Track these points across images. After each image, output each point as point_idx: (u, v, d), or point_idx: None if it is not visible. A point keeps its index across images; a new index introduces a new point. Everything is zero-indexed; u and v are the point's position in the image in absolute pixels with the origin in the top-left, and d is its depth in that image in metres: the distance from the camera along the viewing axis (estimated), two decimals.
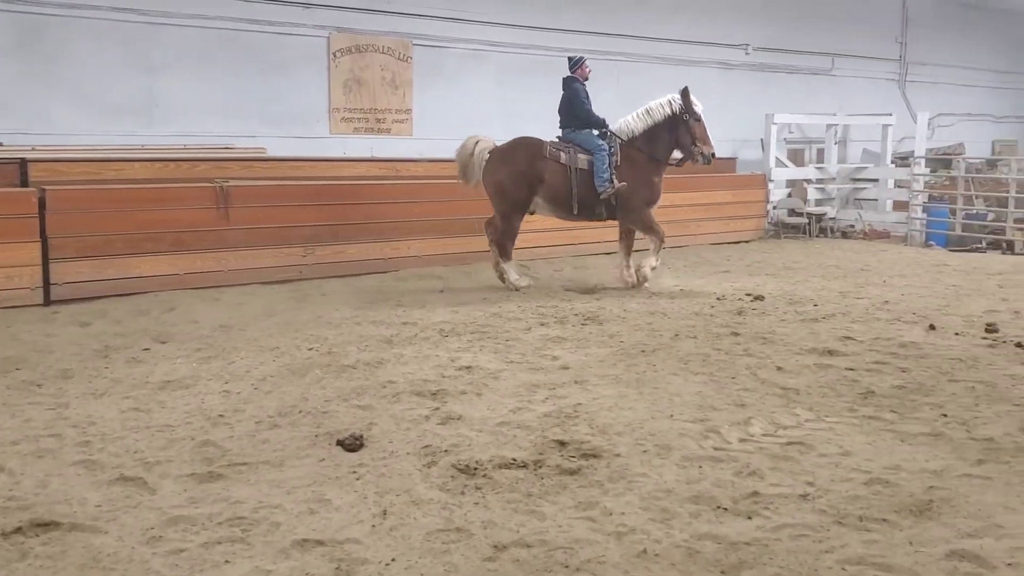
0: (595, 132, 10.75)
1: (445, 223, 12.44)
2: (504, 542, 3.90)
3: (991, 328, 8.20)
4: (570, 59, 11.10)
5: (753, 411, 5.76)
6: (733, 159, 17.81)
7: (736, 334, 8.04)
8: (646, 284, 10.60)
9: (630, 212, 10.65)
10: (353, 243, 11.65)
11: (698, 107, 10.55)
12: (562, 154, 10.58)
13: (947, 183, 17.53)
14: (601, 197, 10.44)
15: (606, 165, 10.44)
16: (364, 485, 4.56)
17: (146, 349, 7.48)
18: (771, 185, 16.97)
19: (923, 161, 17.32)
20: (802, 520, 4.12)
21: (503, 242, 10.75)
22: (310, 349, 7.42)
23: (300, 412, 5.73)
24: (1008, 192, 16.20)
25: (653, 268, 10.64)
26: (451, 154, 11.10)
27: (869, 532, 4.02)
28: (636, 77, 17.24)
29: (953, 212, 16.55)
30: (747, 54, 18.83)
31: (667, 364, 6.96)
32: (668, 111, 10.58)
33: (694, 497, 4.38)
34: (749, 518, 4.16)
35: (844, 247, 15.59)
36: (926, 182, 17.31)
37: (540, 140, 10.81)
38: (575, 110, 10.78)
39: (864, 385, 6.35)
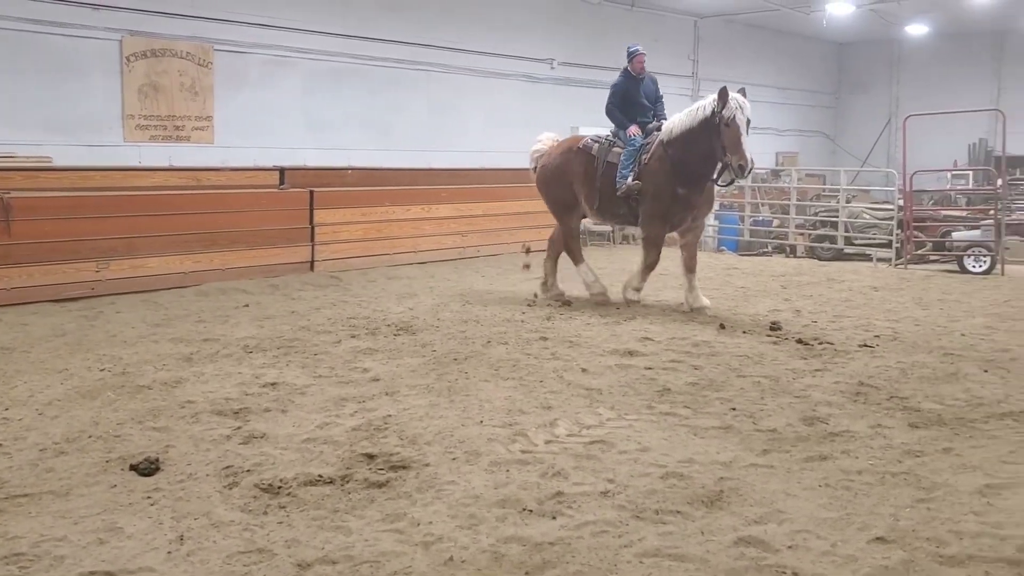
0: (639, 127, 9.86)
1: (251, 234, 12.08)
2: (308, 560, 3.82)
3: (775, 326, 8.83)
4: (627, 49, 10.37)
5: (559, 413, 5.92)
6: None
7: (545, 339, 8.24)
8: (632, 299, 9.88)
9: (643, 218, 9.77)
10: (151, 256, 11.11)
11: (733, 109, 8.96)
12: (595, 145, 10.04)
13: (736, 192, 18.76)
14: (618, 194, 9.71)
15: (629, 160, 9.63)
16: (159, 510, 4.34)
17: None
18: None
19: None
20: (603, 516, 4.27)
21: (569, 246, 10.43)
22: (102, 370, 6.99)
23: (90, 437, 5.38)
24: (789, 200, 17.52)
25: (636, 289, 9.90)
26: (253, 162, 10.77)
27: (665, 524, 4.22)
28: (446, 87, 17.40)
29: (742, 219, 17.72)
30: (552, 68, 19.40)
31: (478, 371, 7.03)
32: (703, 114, 9.24)
33: (501, 501, 4.45)
34: (553, 518, 4.26)
35: None
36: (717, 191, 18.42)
37: (578, 138, 10.37)
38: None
39: (661, 383, 6.66)
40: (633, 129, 9.83)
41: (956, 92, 24.33)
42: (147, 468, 4.81)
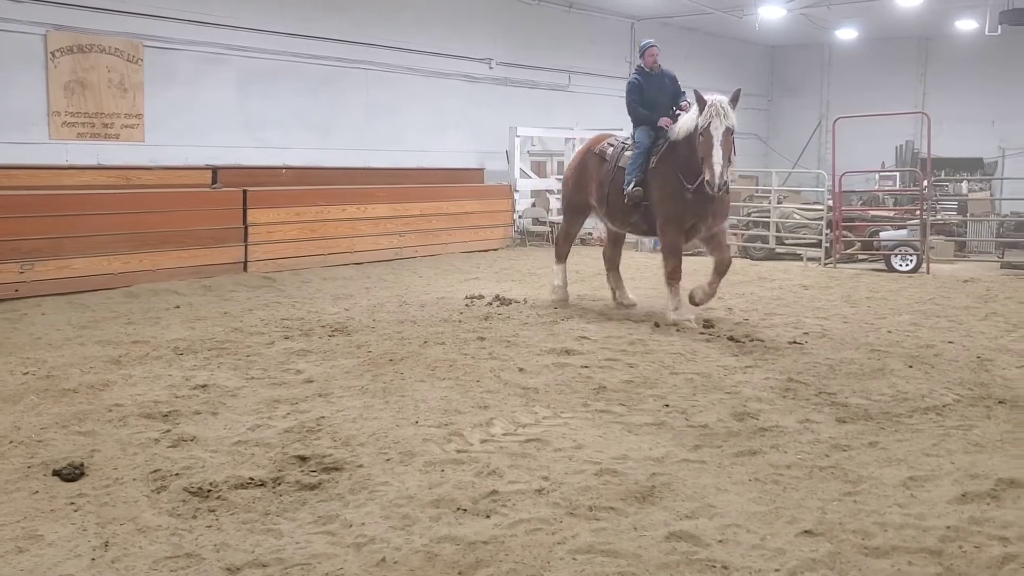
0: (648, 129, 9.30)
1: (182, 234, 11.84)
2: (238, 564, 3.75)
3: (708, 324, 8.94)
4: (639, 45, 9.83)
5: (495, 412, 5.92)
6: (480, 170, 18.31)
7: (482, 339, 8.23)
8: (683, 319, 8.88)
9: (659, 224, 9.18)
10: (79, 257, 10.81)
11: (709, 117, 8.47)
12: (609, 148, 9.57)
13: None
14: (625, 201, 9.21)
15: (634, 165, 9.08)
16: (84, 516, 4.23)
17: None
18: (516, 195, 17.59)
19: None
20: (537, 514, 4.28)
21: (557, 242, 10.42)
22: (25, 373, 6.79)
23: (11, 442, 5.22)
24: None
25: (675, 310, 8.91)
26: (185, 161, 10.52)
27: (598, 521, 4.24)
28: (386, 87, 17.27)
29: None
30: (491, 68, 19.39)
31: (415, 372, 6.99)
32: (696, 119, 8.69)
33: (435, 501, 4.43)
34: (488, 517, 4.26)
35: (583, 253, 16.37)
36: None
37: (605, 135, 9.96)
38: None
39: (597, 381, 6.71)
40: (664, 120, 9.19)
41: (884, 95, 24.92)
42: (71, 473, 4.69)
